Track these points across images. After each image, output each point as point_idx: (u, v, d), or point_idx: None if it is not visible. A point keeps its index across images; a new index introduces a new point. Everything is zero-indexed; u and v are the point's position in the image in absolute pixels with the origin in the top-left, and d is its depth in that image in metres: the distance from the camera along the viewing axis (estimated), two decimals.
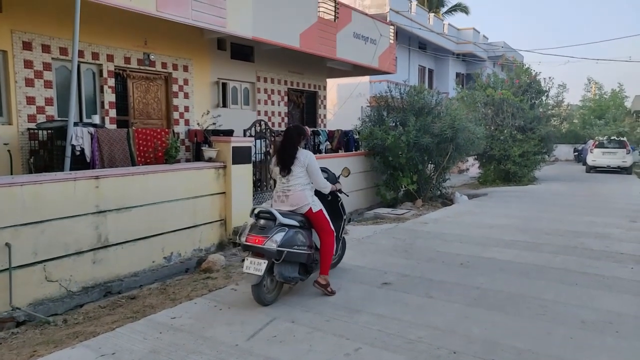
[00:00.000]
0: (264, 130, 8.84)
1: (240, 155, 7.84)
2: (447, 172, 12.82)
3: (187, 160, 9.68)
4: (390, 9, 20.47)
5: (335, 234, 4.81)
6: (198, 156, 8.97)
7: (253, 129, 8.64)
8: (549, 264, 5.94)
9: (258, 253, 4.22)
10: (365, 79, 19.93)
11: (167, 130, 8.59)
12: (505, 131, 16.84)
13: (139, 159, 7.91)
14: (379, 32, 14.74)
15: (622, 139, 22.94)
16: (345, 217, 5.31)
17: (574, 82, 46.46)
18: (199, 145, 9.21)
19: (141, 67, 9.37)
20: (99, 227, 5.73)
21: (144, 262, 6.32)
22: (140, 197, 6.23)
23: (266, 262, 4.18)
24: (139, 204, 6.22)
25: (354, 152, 12.94)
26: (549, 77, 33.01)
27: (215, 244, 7.54)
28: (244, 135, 8.58)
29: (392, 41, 15.69)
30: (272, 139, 8.97)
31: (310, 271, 4.76)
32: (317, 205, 4.66)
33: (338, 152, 13.04)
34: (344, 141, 13.38)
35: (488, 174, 17.58)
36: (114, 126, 8.83)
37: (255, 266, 4.20)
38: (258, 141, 8.76)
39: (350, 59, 13.38)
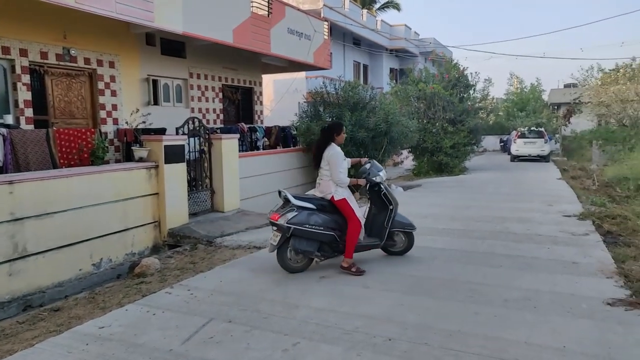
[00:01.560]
0: (197, 128, 8.62)
1: (173, 154, 7.63)
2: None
3: (118, 161, 9.27)
4: (323, 4, 20.59)
5: (359, 223, 5.29)
6: (129, 156, 8.62)
7: (186, 126, 8.41)
8: (478, 249, 6.26)
9: (277, 227, 5.13)
10: (301, 74, 19.94)
11: (92, 130, 8.18)
12: (437, 124, 17.50)
13: (62, 161, 7.48)
14: (313, 28, 14.79)
15: (540, 129, 24.52)
16: (391, 207, 5.61)
17: (498, 77, 49.15)
18: (129, 145, 8.86)
19: (61, 63, 8.82)
20: (15, 236, 5.35)
21: (70, 271, 6.00)
22: (64, 201, 5.90)
23: (280, 234, 5.11)
24: (63, 209, 5.89)
25: (292, 148, 12.96)
26: (476, 72, 34.72)
27: (150, 247, 7.30)
28: (177, 133, 8.33)
29: (326, 37, 15.79)
30: (207, 137, 8.77)
31: (338, 252, 5.35)
32: (339, 195, 5.27)
33: (276, 148, 13.00)
34: (281, 137, 13.35)
35: (422, 165, 18.21)
36: (31, 126, 8.25)
37: (274, 238, 5.19)
38: (192, 139, 8.54)
39: (285, 54, 13.33)
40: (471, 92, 19.53)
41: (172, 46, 11.38)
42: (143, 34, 10.37)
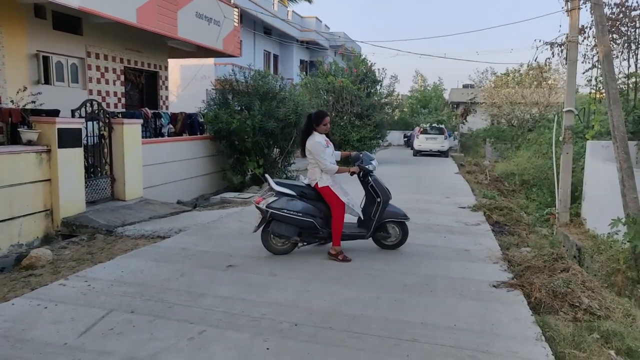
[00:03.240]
0: (96, 111, 8.05)
1: (69, 138, 7.06)
2: (292, 156, 13.21)
3: (1, 144, 8.37)
4: None
5: (342, 210, 5.40)
6: (15, 139, 7.82)
7: (83, 109, 7.81)
8: None
9: (260, 211, 5.39)
10: (210, 61, 19.35)
11: None
12: (345, 117, 17.94)
13: None
14: (223, 13, 14.40)
15: (441, 126, 26.12)
16: (379, 199, 5.64)
17: (404, 74, 51.52)
18: (15, 126, 8.03)
19: None
20: None
21: None
22: None
23: (261, 217, 5.39)
24: None
25: (198, 135, 12.57)
26: (383, 68, 36.06)
27: (40, 237, 6.72)
28: (73, 115, 7.71)
29: (236, 24, 15.46)
30: (107, 121, 8.23)
31: (321, 239, 5.55)
32: (323, 182, 5.38)
33: (182, 135, 12.53)
34: (187, 124, 12.89)
35: None
36: None
37: (257, 219, 5.51)
38: (90, 123, 7.95)
39: (193, 39, 12.84)
40: (378, 87, 20.24)
41: (66, 21, 10.46)
42: (31, 5, 9.41)
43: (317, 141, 5.37)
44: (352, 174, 5.61)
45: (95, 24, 10.81)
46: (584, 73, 11.66)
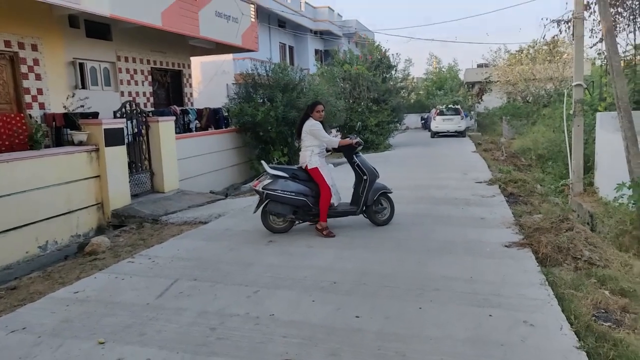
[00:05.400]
0: (134, 111, 8.75)
1: (113, 137, 7.78)
2: None
3: (47, 146, 9.15)
4: None
5: (328, 189, 5.90)
6: (59, 141, 8.57)
7: (123, 109, 8.52)
8: (404, 211, 7.10)
9: (257, 192, 5.98)
10: (229, 56, 19.97)
11: (21, 114, 8.05)
12: (362, 103, 18.42)
13: None
14: (241, 10, 14.97)
15: (457, 107, 26.33)
16: (365, 177, 6.12)
17: (418, 58, 51.45)
18: (58, 129, 8.79)
19: None
20: None
21: (17, 254, 6.12)
22: (8, 185, 5.98)
23: (259, 199, 5.94)
24: (6, 193, 5.96)
25: (225, 129, 13.25)
26: (397, 54, 36.22)
27: (94, 228, 7.47)
28: (114, 116, 8.43)
29: (253, 19, 16.02)
30: (144, 119, 8.93)
31: (313, 216, 6.01)
32: (312, 164, 5.93)
33: (208, 129, 13.22)
34: (214, 119, 13.56)
35: None
36: None
37: (255, 201, 6.08)
38: (128, 122, 8.66)
39: (214, 37, 13.47)
40: (393, 72, 20.64)
41: (97, 28, 11.18)
42: (66, 16, 10.13)
43: (315, 123, 5.98)
44: (356, 144, 6.14)
45: (123, 29, 11.51)
46: (591, 47, 11.91)
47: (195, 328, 3.39)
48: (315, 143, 5.99)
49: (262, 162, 6.25)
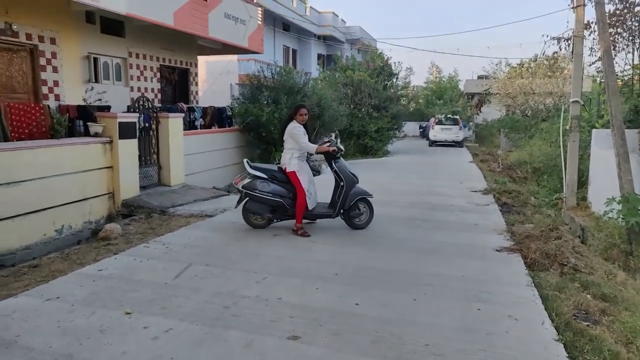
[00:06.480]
0: (146, 106, 9.09)
1: (126, 131, 8.10)
2: None
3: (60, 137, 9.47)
4: None
5: (304, 193, 6.05)
6: (72, 132, 8.89)
7: (137, 104, 8.85)
8: (401, 215, 7.49)
9: (238, 190, 6.26)
10: (234, 57, 20.37)
11: (41, 105, 8.38)
12: (363, 109, 18.82)
13: (13, 134, 7.69)
14: (249, 13, 15.37)
15: (456, 117, 26.77)
16: (342, 183, 6.25)
17: (418, 66, 52.07)
18: (72, 120, 9.11)
19: (2, 38, 8.85)
20: None
21: (36, 235, 6.44)
22: (30, 171, 6.30)
23: (239, 196, 6.29)
24: (29, 178, 6.29)
25: (228, 128, 13.59)
26: (398, 62, 36.66)
27: (105, 216, 7.78)
28: (128, 111, 8.76)
29: (260, 22, 16.42)
30: (155, 114, 9.27)
31: (290, 216, 6.22)
32: (291, 167, 6.12)
33: (211, 127, 13.55)
34: (218, 118, 13.89)
35: (349, 148, 19.48)
36: None
37: (236, 198, 6.44)
38: (140, 117, 8.99)
39: (222, 38, 13.85)
40: (394, 80, 21.06)
41: (112, 25, 11.53)
42: (83, 11, 10.48)
43: (296, 126, 6.11)
44: (333, 151, 6.23)
45: (135, 27, 11.86)
46: (590, 65, 12.33)
47: (211, 306, 3.74)
48: (295, 146, 6.14)
49: (245, 160, 6.37)
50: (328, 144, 6.37)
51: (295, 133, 6.08)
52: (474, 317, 3.75)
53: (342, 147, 6.42)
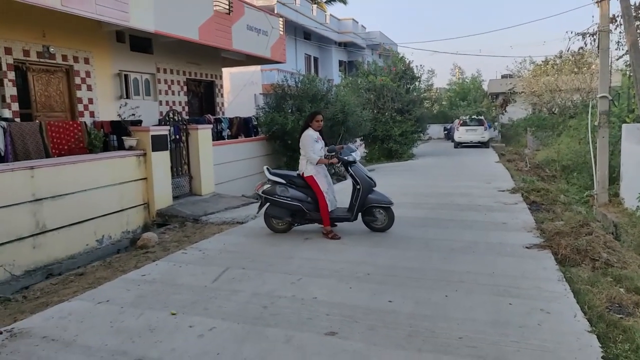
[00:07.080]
0: (177, 120, 9.42)
1: (159, 143, 8.43)
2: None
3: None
4: (277, 1, 21.43)
5: (323, 196, 6.19)
6: (106, 147, 9.28)
7: (167, 117, 9.19)
8: (428, 216, 7.56)
9: (259, 195, 6.56)
10: (257, 68, 20.77)
11: (78, 122, 8.80)
12: (387, 114, 18.90)
13: (54, 151, 8.11)
14: (270, 24, 15.70)
15: (480, 117, 26.54)
16: (358, 187, 6.33)
17: (441, 68, 51.81)
18: (106, 136, 9.51)
19: (41, 60, 9.34)
20: (36, 214, 6.10)
21: (79, 245, 6.77)
22: (73, 184, 6.66)
23: (260, 201, 6.62)
24: (72, 191, 6.64)
25: (254, 137, 13.88)
26: (421, 65, 36.59)
27: (141, 226, 8.10)
28: (159, 124, 9.11)
29: (281, 32, 16.73)
30: (185, 127, 9.59)
31: (311, 220, 6.41)
32: (308, 172, 6.28)
33: (237, 137, 13.87)
34: (244, 128, 14.22)
35: (373, 152, 19.61)
36: (18, 120, 8.78)
37: (257, 204, 6.75)
38: (171, 129, 9.32)
39: (245, 49, 14.19)
40: (417, 83, 21.09)
41: (140, 43, 11.99)
42: (113, 31, 10.94)
43: (309, 134, 6.24)
44: (330, 164, 6.41)
45: (162, 43, 12.29)
46: (617, 59, 12.16)
47: (250, 306, 3.92)
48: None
49: (265, 167, 6.65)
50: (332, 154, 6.42)
51: (304, 143, 6.25)
52: (506, 311, 3.82)
53: (350, 159, 6.39)
